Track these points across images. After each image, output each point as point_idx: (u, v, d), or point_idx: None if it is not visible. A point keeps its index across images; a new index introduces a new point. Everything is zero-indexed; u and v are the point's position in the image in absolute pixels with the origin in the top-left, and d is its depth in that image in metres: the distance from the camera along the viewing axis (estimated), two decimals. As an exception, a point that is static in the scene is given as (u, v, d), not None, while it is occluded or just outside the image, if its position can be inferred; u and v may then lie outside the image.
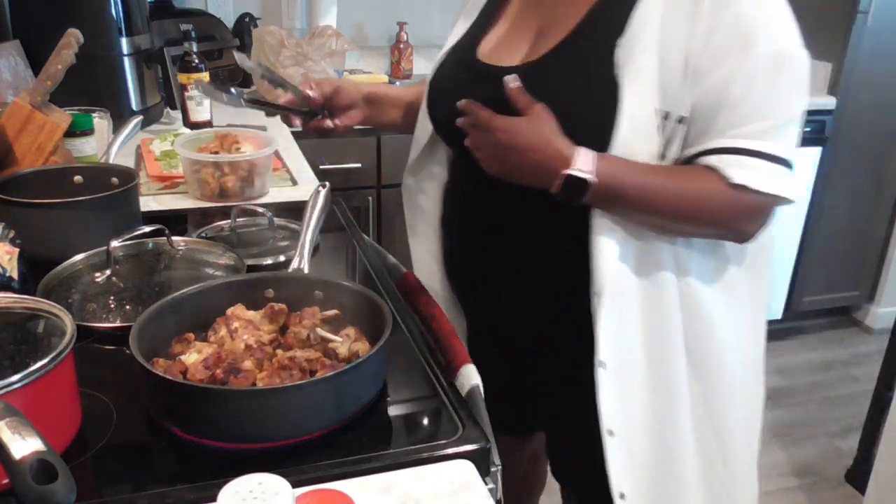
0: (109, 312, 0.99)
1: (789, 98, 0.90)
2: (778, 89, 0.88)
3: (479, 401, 0.87)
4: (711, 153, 0.90)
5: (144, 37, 2.00)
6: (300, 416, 0.76)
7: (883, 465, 1.80)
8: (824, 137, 2.72)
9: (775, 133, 0.89)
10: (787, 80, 0.89)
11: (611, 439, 0.96)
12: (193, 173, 1.45)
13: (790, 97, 0.90)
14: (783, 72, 0.88)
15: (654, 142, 0.90)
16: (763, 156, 0.89)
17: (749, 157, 0.89)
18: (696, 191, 0.90)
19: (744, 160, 0.88)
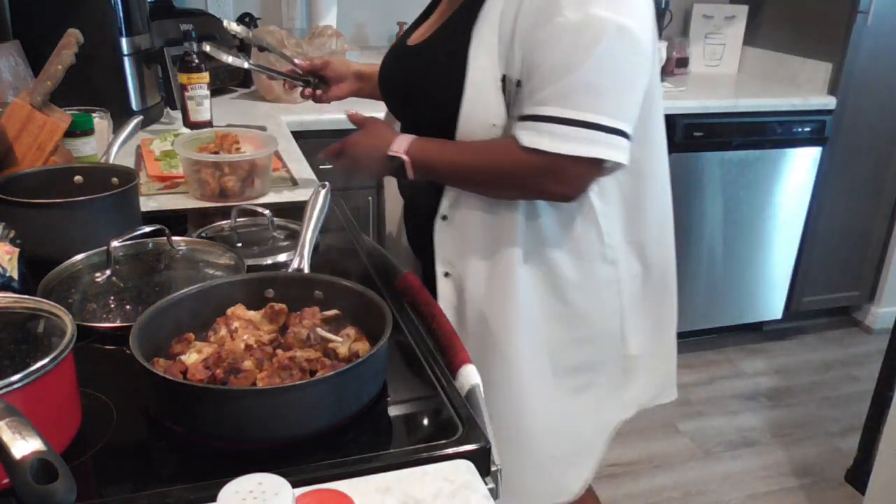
0: (109, 312, 0.99)
1: (590, 64, 0.98)
2: (576, 56, 0.98)
3: (479, 401, 0.87)
4: (520, 120, 1.04)
5: (144, 37, 2.00)
6: (300, 416, 0.76)
7: (883, 465, 1.80)
8: (824, 137, 2.72)
9: (570, 97, 0.99)
10: (586, 47, 0.97)
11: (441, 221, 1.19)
12: (193, 173, 1.45)
13: (589, 62, 0.98)
14: (583, 38, 0.97)
15: (498, 103, 1.07)
16: (555, 120, 1.00)
17: (542, 122, 1.01)
18: (491, 161, 1.08)
19: (537, 125, 1.02)
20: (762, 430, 2.52)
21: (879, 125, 2.79)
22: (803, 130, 2.69)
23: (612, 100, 1.01)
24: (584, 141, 1.00)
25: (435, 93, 1.13)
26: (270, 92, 2.39)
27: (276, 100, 2.40)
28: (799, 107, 2.66)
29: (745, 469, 2.33)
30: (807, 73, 2.80)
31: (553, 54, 1.00)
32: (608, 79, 1.00)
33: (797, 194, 2.79)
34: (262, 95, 2.43)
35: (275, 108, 2.34)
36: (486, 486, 0.72)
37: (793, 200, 2.80)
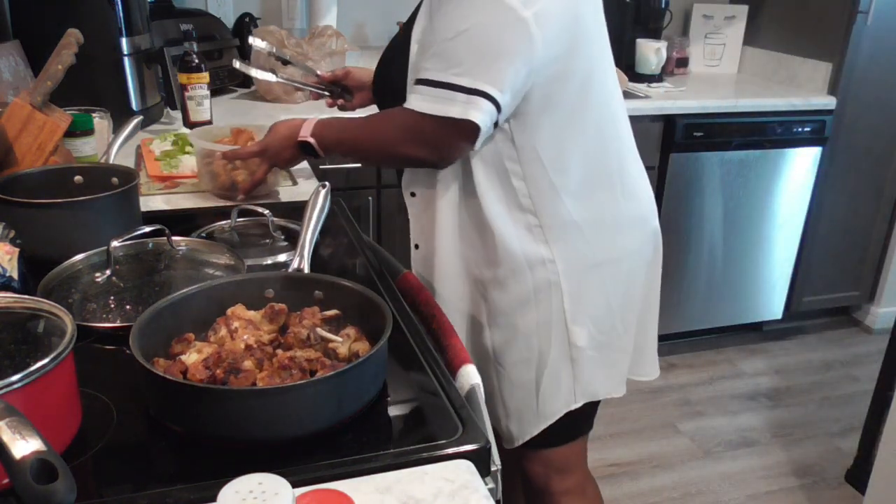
0: (109, 312, 0.99)
1: (463, 32, 1.04)
2: (451, 25, 1.05)
3: (480, 401, 0.87)
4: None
5: (144, 37, 2.00)
6: (300, 416, 0.76)
7: (883, 465, 1.80)
8: (824, 137, 2.72)
9: (438, 60, 1.06)
10: (462, 16, 1.04)
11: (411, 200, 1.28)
12: (205, 165, 1.47)
13: (461, 31, 1.04)
14: (461, 8, 1.05)
15: None
16: (424, 82, 1.07)
17: (417, 84, 1.09)
18: (376, 128, 1.18)
19: (415, 87, 1.09)
20: (762, 430, 2.52)
21: (879, 125, 2.79)
22: (803, 130, 2.69)
23: (478, 64, 1.05)
24: (442, 100, 1.06)
25: (395, 85, 1.20)
26: (270, 92, 2.39)
27: (275, 100, 2.40)
28: (799, 107, 2.66)
29: (745, 469, 2.33)
30: (807, 73, 2.80)
31: (438, 23, 1.09)
32: (477, 45, 1.05)
33: (797, 194, 2.79)
34: (262, 95, 2.43)
35: (275, 108, 2.34)
36: (487, 486, 0.72)
37: (793, 200, 2.80)
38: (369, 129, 1.18)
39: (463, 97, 1.04)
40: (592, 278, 1.22)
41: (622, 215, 1.24)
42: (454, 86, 1.05)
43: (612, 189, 1.22)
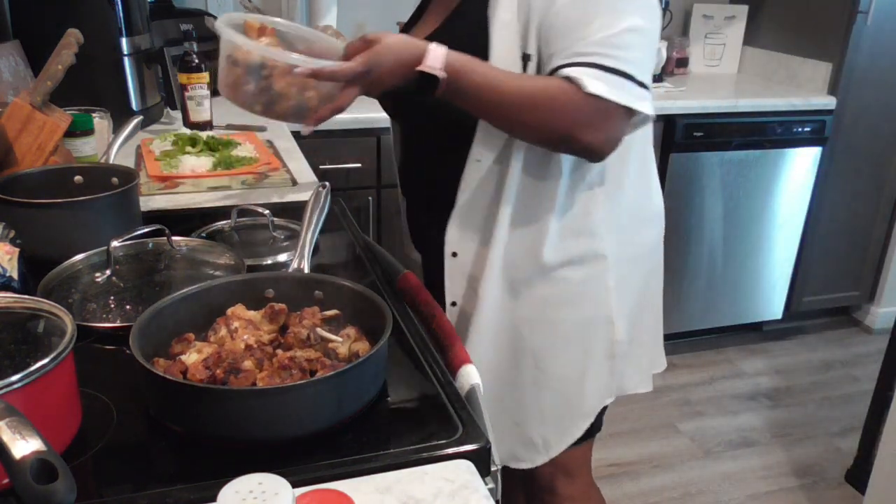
0: (109, 312, 0.99)
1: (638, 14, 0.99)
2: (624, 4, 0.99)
3: (479, 401, 0.87)
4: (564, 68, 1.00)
5: (144, 37, 2.00)
6: (300, 416, 0.76)
7: (883, 465, 1.80)
8: (824, 137, 2.73)
9: (604, 48, 0.98)
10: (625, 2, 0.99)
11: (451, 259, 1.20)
12: (258, 80, 1.09)
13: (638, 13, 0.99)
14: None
15: None
16: (608, 69, 0.98)
17: (601, 70, 0.98)
18: (545, 95, 1.00)
19: (599, 73, 0.98)
20: (762, 430, 2.52)
21: (879, 125, 2.79)
22: (803, 130, 2.70)
23: (645, 52, 1.02)
24: (621, 89, 0.98)
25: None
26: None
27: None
28: (799, 107, 2.66)
29: (745, 469, 2.33)
30: (807, 73, 2.80)
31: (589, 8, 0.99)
32: (647, 32, 1.01)
33: (797, 194, 2.79)
34: (262, 95, 2.42)
35: (275, 108, 2.34)
36: (487, 486, 0.72)
37: (793, 200, 2.80)
38: (529, 95, 1.01)
39: (637, 90, 0.99)
40: (632, 272, 1.23)
41: (652, 208, 1.27)
42: (628, 76, 0.99)
43: (647, 182, 1.24)
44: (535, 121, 1.01)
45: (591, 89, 0.96)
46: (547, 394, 1.23)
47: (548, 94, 1.00)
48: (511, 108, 1.02)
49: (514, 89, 1.01)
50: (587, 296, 1.19)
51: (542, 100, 1.00)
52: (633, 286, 1.24)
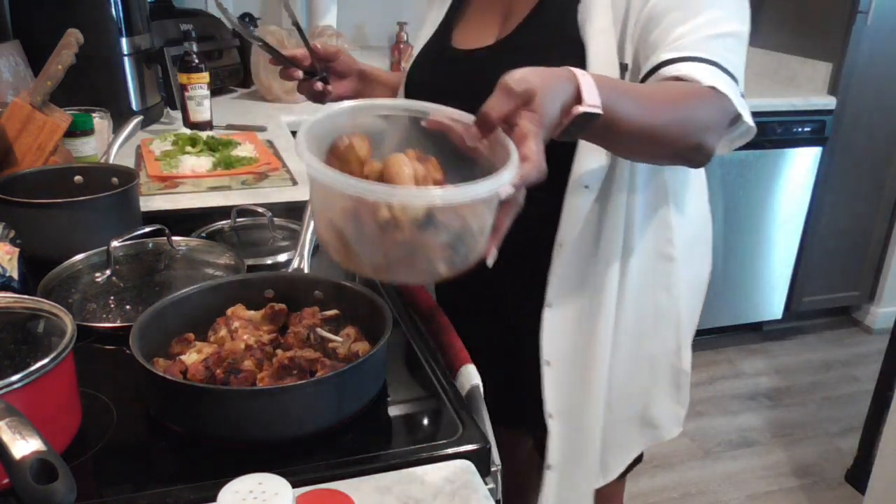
0: (109, 312, 0.99)
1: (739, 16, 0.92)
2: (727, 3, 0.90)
3: (479, 401, 0.87)
4: (675, 63, 0.86)
5: (144, 37, 2.00)
6: (300, 416, 0.76)
7: (883, 465, 1.80)
8: (824, 137, 2.72)
9: (728, 47, 0.89)
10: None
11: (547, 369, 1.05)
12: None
13: (739, 14, 0.92)
14: None
15: None
16: (723, 69, 0.87)
17: (711, 66, 0.86)
18: (683, 97, 0.84)
19: (709, 67, 0.85)
20: (762, 430, 2.52)
21: (879, 125, 2.79)
22: (803, 130, 2.69)
23: (743, 63, 0.93)
24: (738, 95, 0.88)
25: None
26: (270, 92, 2.39)
27: (275, 100, 2.40)
28: (799, 107, 2.66)
29: (745, 469, 2.33)
30: (807, 73, 2.80)
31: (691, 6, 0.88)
32: (744, 41, 0.93)
33: (797, 194, 2.79)
34: (263, 95, 2.43)
35: (275, 108, 2.34)
36: (487, 486, 0.72)
37: (793, 200, 2.80)
38: (680, 102, 0.84)
39: (742, 99, 0.89)
40: (695, 299, 1.18)
41: (707, 234, 1.18)
42: (737, 81, 0.89)
43: (704, 204, 1.15)
44: (676, 129, 0.83)
45: (722, 88, 0.84)
46: (615, 421, 1.13)
47: (689, 103, 0.84)
48: (658, 123, 0.82)
49: (660, 98, 0.83)
50: (661, 326, 1.12)
51: (688, 105, 0.84)
52: (695, 312, 1.19)
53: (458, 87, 0.94)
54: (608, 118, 0.75)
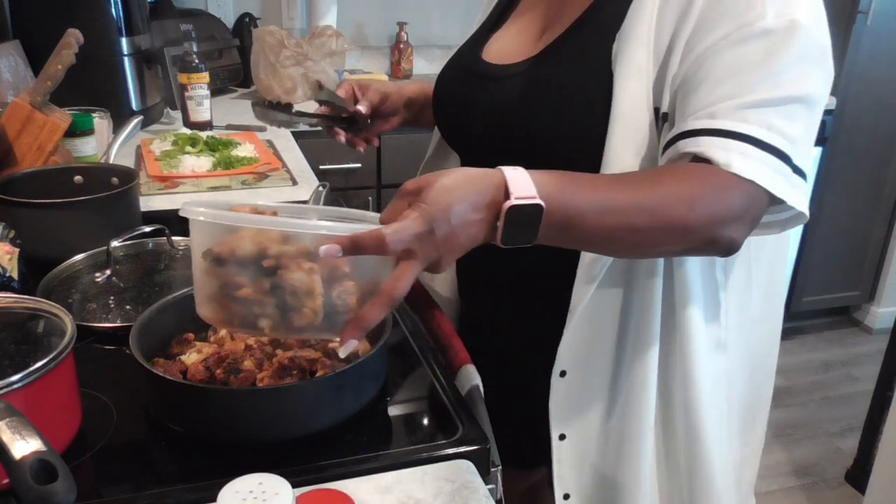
0: (109, 312, 0.99)
1: (798, 75, 0.75)
2: (779, 67, 0.74)
3: (479, 401, 0.87)
4: (698, 136, 0.74)
5: (144, 37, 2.00)
6: (300, 416, 0.76)
7: (883, 465, 1.80)
8: (824, 137, 2.72)
9: (758, 115, 0.73)
10: (796, 58, 0.75)
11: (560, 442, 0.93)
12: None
13: (798, 74, 0.75)
14: (790, 43, 0.74)
15: (650, 140, 0.80)
16: (762, 145, 0.72)
17: (742, 142, 0.72)
18: (677, 196, 0.72)
19: (737, 145, 0.72)
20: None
21: (879, 125, 2.79)
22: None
23: (810, 130, 0.77)
24: (780, 174, 0.73)
25: (569, 120, 0.84)
26: (270, 92, 2.39)
27: (275, 100, 2.40)
28: (799, 107, 2.66)
29: (745, 469, 2.33)
30: (807, 73, 2.79)
31: (749, 59, 0.74)
32: (817, 103, 0.77)
33: (797, 194, 2.79)
34: (262, 95, 2.43)
35: (275, 108, 2.34)
36: (487, 487, 0.72)
37: (793, 200, 2.80)
38: (672, 193, 0.71)
39: (795, 179, 0.75)
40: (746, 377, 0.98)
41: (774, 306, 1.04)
42: (786, 157, 0.73)
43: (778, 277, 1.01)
44: (673, 231, 0.73)
45: (746, 174, 0.71)
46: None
47: (687, 192, 0.72)
48: (647, 228, 0.72)
49: (648, 201, 0.71)
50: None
51: (682, 204, 0.71)
52: (749, 397, 1.00)
53: (484, 105, 0.93)
54: (564, 214, 0.68)
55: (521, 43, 0.97)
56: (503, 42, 1.00)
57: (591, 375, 0.91)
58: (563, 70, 0.87)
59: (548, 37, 0.92)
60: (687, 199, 0.71)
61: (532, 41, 0.95)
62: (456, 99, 1.00)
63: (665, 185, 0.72)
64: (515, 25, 1.01)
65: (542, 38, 0.93)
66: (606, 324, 0.88)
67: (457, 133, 1.02)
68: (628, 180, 0.74)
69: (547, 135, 0.86)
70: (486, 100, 0.93)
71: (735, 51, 0.74)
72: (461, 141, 1.03)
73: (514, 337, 1.06)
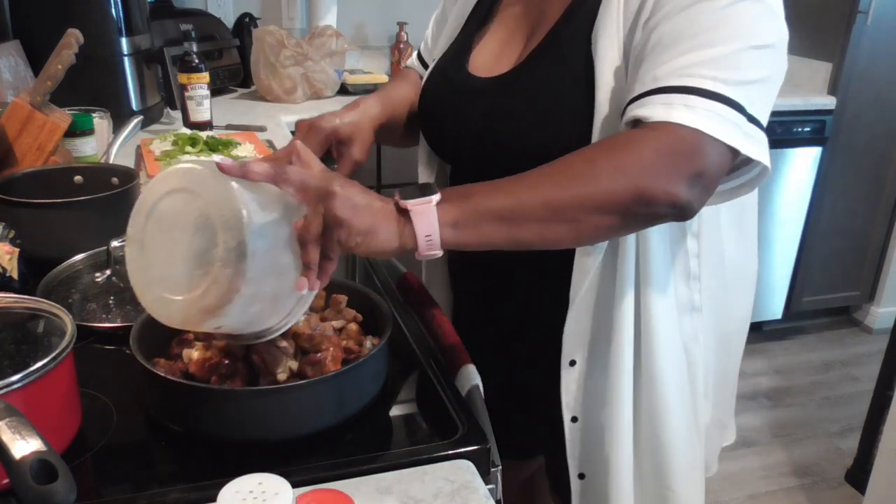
0: (109, 312, 0.99)
1: (746, 29, 0.75)
2: (728, 25, 0.74)
3: (479, 401, 0.87)
4: (637, 99, 0.74)
5: (144, 37, 2.00)
6: (300, 416, 0.76)
7: (883, 465, 1.80)
8: (824, 137, 2.72)
9: (713, 68, 0.72)
10: (743, 17, 0.76)
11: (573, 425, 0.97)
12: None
13: (747, 28, 0.75)
14: (739, 8, 0.75)
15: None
16: (695, 91, 0.71)
17: (675, 93, 0.71)
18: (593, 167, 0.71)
19: (669, 97, 0.71)
20: (762, 430, 2.52)
21: (879, 125, 2.79)
22: (803, 130, 2.69)
23: (767, 92, 0.78)
24: (730, 123, 0.71)
25: (555, 126, 0.85)
26: (270, 92, 2.39)
27: (276, 100, 2.40)
28: (799, 107, 2.66)
29: (745, 469, 2.33)
30: (806, 73, 2.80)
31: (696, 22, 0.74)
32: (760, 60, 0.77)
33: (797, 194, 2.79)
34: (262, 95, 2.43)
35: (275, 108, 2.34)
36: (487, 487, 0.72)
37: (793, 200, 2.80)
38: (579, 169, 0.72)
39: (750, 128, 0.73)
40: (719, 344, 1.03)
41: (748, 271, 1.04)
42: (741, 108, 0.72)
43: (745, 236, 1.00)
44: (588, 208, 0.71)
45: (689, 123, 0.70)
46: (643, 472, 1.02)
47: (612, 151, 0.72)
48: (556, 212, 0.71)
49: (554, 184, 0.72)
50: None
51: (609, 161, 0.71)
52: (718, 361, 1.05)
53: (471, 118, 0.94)
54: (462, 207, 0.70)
55: (505, 52, 0.96)
56: (489, 52, 0.99)
57: (593, 358, 0.94)
58: (547, 77, 0.87)
59: (531, 44, 0.92)
60: (618, 160, 0.71)
61: (516, 50, 0.95)
62: (443, 112, 1.00)
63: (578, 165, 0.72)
64: (498, 33, 0.99)
65: (527, 46, 0.93)
66: (600, 307, 0.91)
67: (445, 146, 1.03)
68: (534, 173, 0.73)
69: (535, 143, 0.86)
70: (474, 113, 0.94)
71: (682, 16, 0.74)
72: (450, 153, 1.03)
73: (509, 328, 1.08)
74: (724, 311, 1.00)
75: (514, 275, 0.98)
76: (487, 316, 1.12)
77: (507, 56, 0.95)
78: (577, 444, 0.98)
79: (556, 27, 0.88)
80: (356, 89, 2.51)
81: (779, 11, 0.79)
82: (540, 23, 0.92)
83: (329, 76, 2.45)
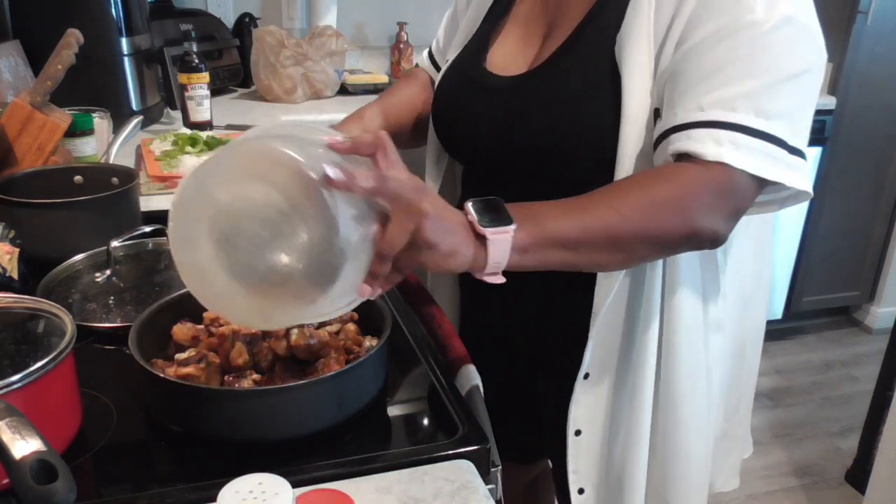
0: (109, 312, 0.99)
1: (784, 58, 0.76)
2: (769, 53, 0.75)
3: (479, 401, 0.87)
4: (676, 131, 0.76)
5: (144, 37, 2.00)
6: (300, 416, 0.76)
7: (883, 465, 1.80)
8: (824, 137, 2.72)
9: (750, 103, 0.74)
10: (783, 44, 0.75)
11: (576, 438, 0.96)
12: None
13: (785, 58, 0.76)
14: (777, 33, 0.75)
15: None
16: (753, 132, 0.74)
17: (721, 129, 0.74)
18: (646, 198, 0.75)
19: (727, 135, 0.74)
20: (762, 430, 2.52)
21: (879, 125, 2.79)
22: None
23: (802, 105, 0.79)
24: (767, 157, 0.74)
25: (579, 128, 0.84)
26: (270, 92, 2.39)
27: (276, 100, 2.40)
28: (799, 107, 2.66)
29: (745, 469, 2.31)
30: (807, 73, 2.79)
31: (737, 52, 0.75)
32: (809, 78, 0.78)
33: (797, 194, 2.79)
34: (262, 95, 2.43)
35: (275, 108, 2.34)
36: (487, 487, 0.72)
37: (793, 200, 2.79)
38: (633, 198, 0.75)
39: (792, 159, 0.76)
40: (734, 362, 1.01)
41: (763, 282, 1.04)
42: (779, 140, 0.75)
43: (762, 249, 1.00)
44: (641, 237, 0.75)
45: (737, 164, 0.73)
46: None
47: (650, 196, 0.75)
48: (613, 240, 0.75)
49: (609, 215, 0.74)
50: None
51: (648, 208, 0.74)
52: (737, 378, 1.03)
53: (490, 117, 0.92)
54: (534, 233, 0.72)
55: (525, 51, 0.95)
56: (506, 50, 0.98)
57: (607, 373, 0.93)
58: (570, 78, 0.87)
59: (552, 43, 0.91)
60: (671, 198, 0.75)
61: (535, 48, 0.94)
62: (460, 111, 0.98)
63: (632, 193, 0.75)
64: (516, 30, 0.98)
65: (546, 45, 0.92)
66: (620, 322, 0.91)
67: (461, 145, 1.01)
68: (591, 199, 0.75)
69: (557, 145, 0.86)
70: (492, 112, 0.92)
71: (724, 44, 0.75)
72: (465, 153, 1.02)
73: (517, 330, 1.06)
74: (743, 325, 0.99)
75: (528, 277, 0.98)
76: (495, 315, 1.10)
77: (525, 54, 0.94)
78: (580, 459, 0.97)
79: (581, 27, 0.87)
80: (356, 89, 2.51)
81: (815, 30, 0.79)
82: (558, 21, 0.91)
83: (329, 76, 2.45)
